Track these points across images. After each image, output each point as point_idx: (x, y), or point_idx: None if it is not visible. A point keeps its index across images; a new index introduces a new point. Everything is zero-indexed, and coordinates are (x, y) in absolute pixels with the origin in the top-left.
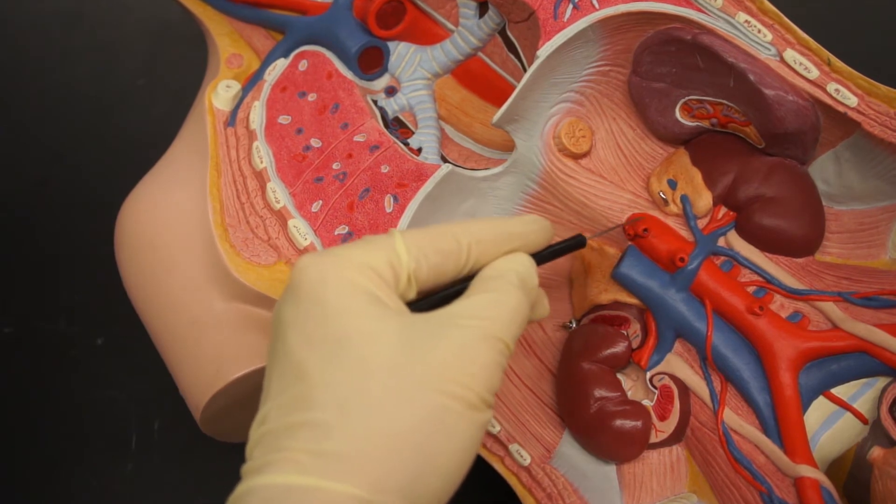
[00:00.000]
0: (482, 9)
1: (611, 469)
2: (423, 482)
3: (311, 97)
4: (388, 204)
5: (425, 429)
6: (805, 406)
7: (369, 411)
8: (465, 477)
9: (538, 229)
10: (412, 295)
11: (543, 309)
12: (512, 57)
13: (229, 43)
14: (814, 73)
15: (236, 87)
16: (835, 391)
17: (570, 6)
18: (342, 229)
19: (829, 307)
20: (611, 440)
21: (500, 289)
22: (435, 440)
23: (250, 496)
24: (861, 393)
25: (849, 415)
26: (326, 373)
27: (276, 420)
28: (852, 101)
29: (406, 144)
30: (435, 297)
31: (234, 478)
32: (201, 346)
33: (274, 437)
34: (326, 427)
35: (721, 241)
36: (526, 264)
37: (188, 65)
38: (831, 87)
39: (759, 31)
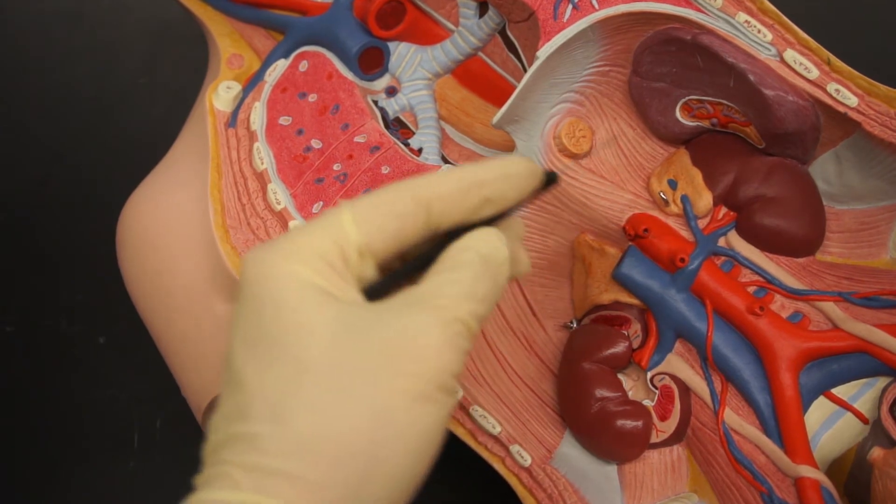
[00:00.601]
0: (482, 9)
1: (612, 469)
2: (370, 489)
3: (312, 98)
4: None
5: (369, 430)
6: (805, 406)
7: (304, 416)
8: (465, 477)
9: (513, 174)
10: (371, 272)
11: (522, 265)
12: (512, 57)
13: (230, 43)
14: (814, 73)
15: (237, 87)
16: (835, 391)
17: (570, 6)
18: None
19: (830, 307)
20: (612, 440)
21: (456, 267)
22: (381, 442)
23: None
24: (861, 393)
25: (849, 415)
26: (262, 377)
27: (219, 431)
28: (852, 101)
29: (407, 145)
30: (395, 274)
31: None
32: (203, 348)
33: (215, 450)
34: (260, 438)
35: (721, 242)
36: (488, 240)
37: (189, 65)
38: (831, 87)
39: (759, 31)
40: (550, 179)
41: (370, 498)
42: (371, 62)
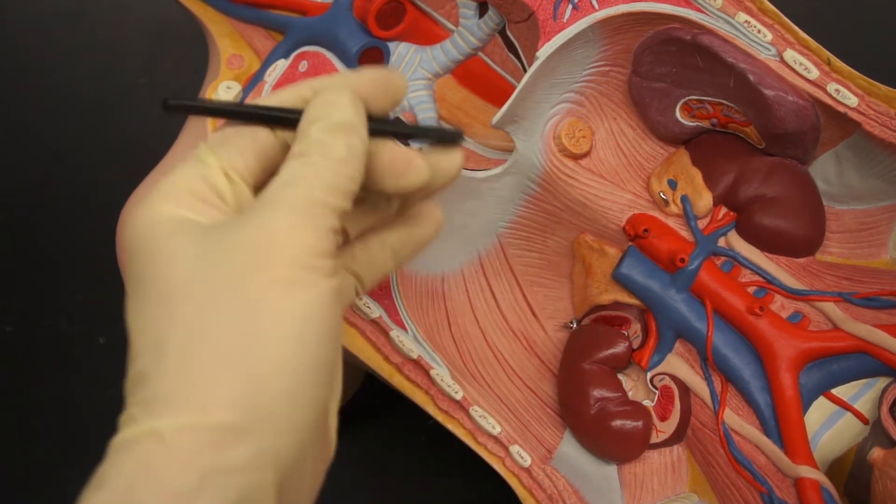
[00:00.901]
0: (482, 9)
1: (612, 469)
2: (261, 385)
3: None
4: None
5: (244, 332)
6: (805, 406)
7: (177, 338)
8: (465, 478)
9: (383, 78)
10: (248, 192)
11: (402, 174)
12: (512, 57)
13: (230, 44)
14: (814, 73)
15: (237, 88)
16: (835, 391)
17: (570, 7)
18: None
19: (830, 307)
20: (612, 440)
21: (297, 149)
22: (258, 337)
23: (104, 463)
24: (861, 393)
25: (849, 415)
26: (141, 318)
27: (126, 381)
28: (852, 101)
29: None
30: (204, 101)
31: None
32: None
33: (124, 400)
34: (146, 372)
35: (721, 242)
36: (327, 104)
37: (189, 64)
38: (831, 87)
39: (759, 31)
40: (455, 136)
41: (267, 393)
42: (371, 62)
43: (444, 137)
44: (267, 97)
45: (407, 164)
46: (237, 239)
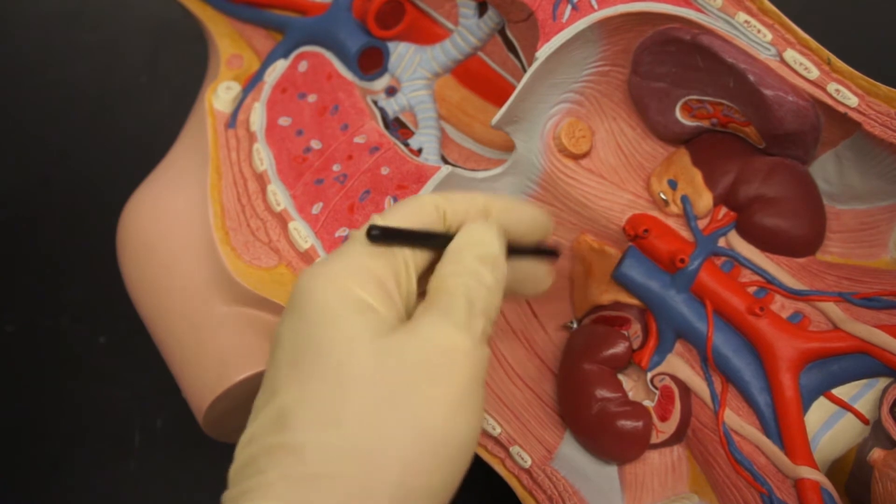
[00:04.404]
0: (482, 9)
1: (612, 469)
2: (410, 500)
3: (312, 98)
4: (389, 206)
5: (412, 442)
6: (806, 407)
7: (350, 424)
8: (465, 478)
9: (520, 215)
10: (414, 285)
11: (534, 282)
12: (512, 57)
13: (230, 44)
14: (814, 73)
15: (236, 88)
16: (835, 392)
17: (569, 7)
18: (343, 231)
19: (830, 307)
20: (612, 441)
21: (449, 272)
22: (422, 453)
23: None
24: (862, 394)
25: (850, 415)
26: (303, 388)
27: (256, 443)
28: (853, 101)
29: (406, 145)
30: (400, 229)
31: None
32: (203, 350)
33: (254, 461)
34: (305, 447)
35: (721, 242)
36: (482, 238)
37: (190, 62)
38: (832, 87)
39: (759, 31)
40: (551, 251)
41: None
42: (370, 62)
43: (548, 253)
44: (409, 205)
45: (546, 275)
46: (412, 347)
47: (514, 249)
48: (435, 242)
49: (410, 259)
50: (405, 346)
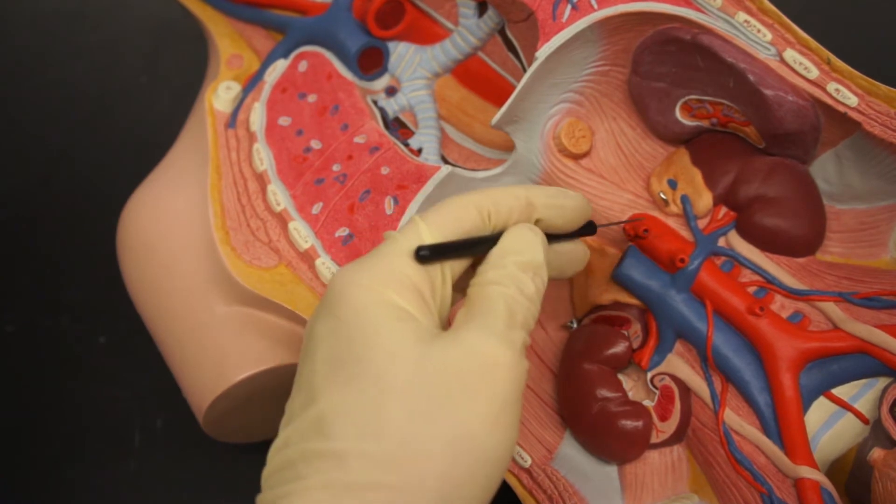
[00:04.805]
0: (481, 9)
1: (612, 469)
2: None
3: (312, 98)
4: (389, 206)
5: (451, 453)
6: (806, 406)
7: (391, 435)
8: None
9: (566, 206)
10: (449, 291)
11: (576, 263)
12: (512, 57)
13: (230, 44)
14: (814, 72)
15: (236, 88)
16: (835, 391)
17: (569, 7)
18: (343, 231)
19: (830, 307)
20: (612, 441)
21: (491, 279)
22: (462, 465)
23: None
24: (862, 393)
25: (850, 415)
26: (343, 395)
27: (295, 445)
28: (852, 100)
29: (406, 145)
30: (448, 245)
31: (237, 475)
32: (203, 350)
33: (292, 465)
34: (343, 457)
35: (721, 242)
36: (525, 244)
37: (190, 61)
38: (831, 86)
39: (759, 31)
40: (588, 228)
41: None
42: (370, 62)
43: (583, 232)
44: (451, 205)
45: (584, 254)
46: (453, 358)
47: (555, 235)
48: (479, 249)
49: (448, 268)
50: (446, 357)
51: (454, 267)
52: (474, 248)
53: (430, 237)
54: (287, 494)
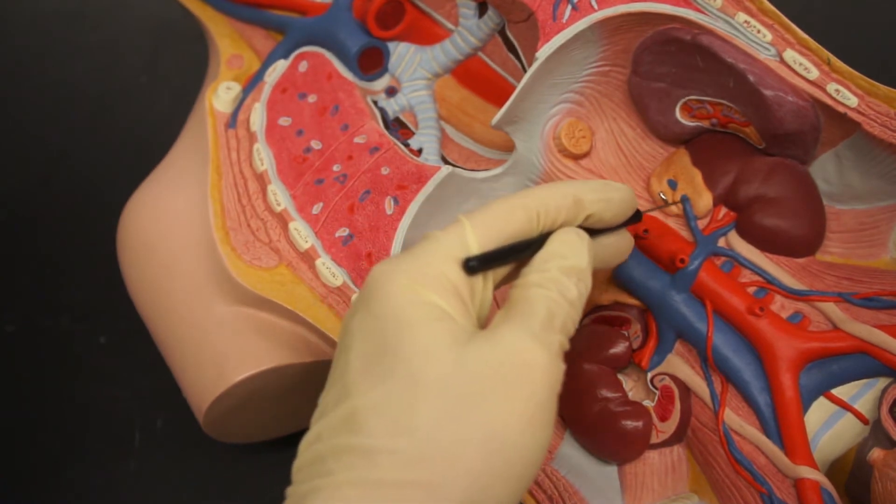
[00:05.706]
0: (482, 9)
1: (612, 469)
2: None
3: (312, 98)
4: (389, 206)
5: (484, 453)
6: (806, 407)
7: (423, 433)
8: None
9: (613, 199)
10: (489, 293)
11: (621, 253)
12: (512, 57)
13: (230, 44)
14: (814, 73)
15: (237, 88)
16: (835, 392)
17: (569, 7)
18: (343, 231)
19: (830, 308)
20: (612, 441)
21: (534, 282)
22: (493, 465)
23: None
24: (862, 394)
25: (849, 415)
26: (376, 392)
27: (326, 440)
28: (852, 101)
29: (406, 145)
30: (495, 254)
31: (237, 475)
32: (203, 350)
33: (322, 460)
34: (373, 454)
35: (721, 242)
36: (571, 248)
37: (190, 61)
38: (831, 87)
39: (759, 32)
40: (635, 216)
41: None
42: (371, 62)
43: (629, 221)
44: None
45: (629, 245)
46: (490, 357)
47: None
48: (526, 253)
49: (491, 272)
50: (483, 356)
51: (497, 271)
52: (520, 254)
53: (474, 238)
54: (316, 489)
